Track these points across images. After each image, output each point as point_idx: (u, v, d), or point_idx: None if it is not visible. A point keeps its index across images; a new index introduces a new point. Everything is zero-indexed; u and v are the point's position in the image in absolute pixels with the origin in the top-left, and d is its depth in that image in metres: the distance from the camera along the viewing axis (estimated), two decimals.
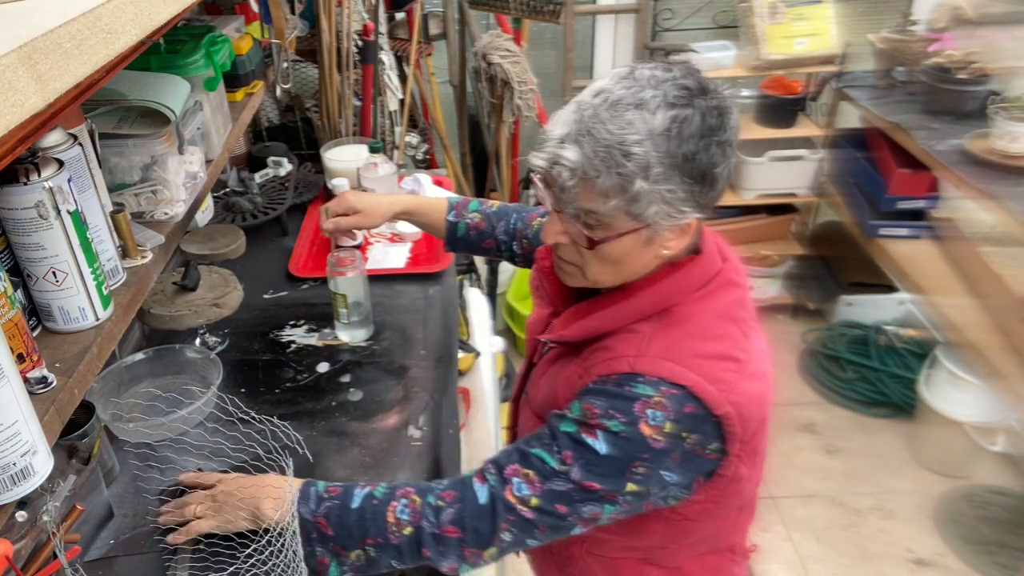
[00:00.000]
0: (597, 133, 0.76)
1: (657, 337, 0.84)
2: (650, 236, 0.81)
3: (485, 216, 1.25)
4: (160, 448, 1.14)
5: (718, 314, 0.87)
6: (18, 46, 0.54)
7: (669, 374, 0.81)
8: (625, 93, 0.77)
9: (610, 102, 0.77)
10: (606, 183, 0.76)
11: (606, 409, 0.81)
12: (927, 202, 2.46)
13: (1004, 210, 1.88)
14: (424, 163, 2.49)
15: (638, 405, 0.80)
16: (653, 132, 0.75)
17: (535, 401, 1.00)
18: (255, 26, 1.66)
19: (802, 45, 2.64)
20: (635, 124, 0.75)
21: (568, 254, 0.88)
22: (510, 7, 2.47)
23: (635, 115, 0.75)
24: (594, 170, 0.76)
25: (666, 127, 0.75)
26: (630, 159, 0.75)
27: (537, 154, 0.82)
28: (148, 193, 1.09)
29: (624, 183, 0.76)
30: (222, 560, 0.95)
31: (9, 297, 0.69)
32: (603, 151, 0.76)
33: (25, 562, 0.81)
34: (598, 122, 0.76)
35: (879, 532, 2.28)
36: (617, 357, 0.84)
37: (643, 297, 0.87)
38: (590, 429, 0.82)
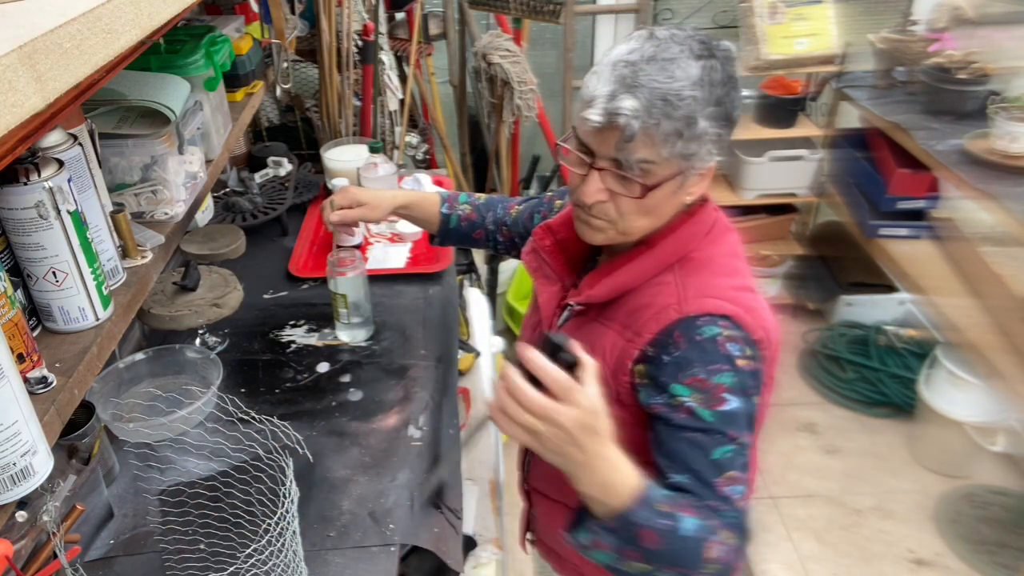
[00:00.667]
0: (649, 84, 0.82)
1: (688, 282, 0.91)
2: (682, 181, 0.88)
3: (475, 207, 1.30)
4: (160, 448, 1.14)
5: (728, 254, 0.95)
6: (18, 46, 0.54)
7: (714, 308, 0.87)
8: (657, 50, 0.83)
9: (646, 58, 0.83)
10: (666, 128, 0.82)
11: (707, 370, 0.85)
12: (927, 202, 2.46)
13: (1004, 210, 1.88)
14: (424, 163, 2.49)
15: (720, 346, 0.85)
16: (692, 80, 0.82)
17: None
18: (255, 26, 1.66)
19: (802, 45, 2.64)
20: (677, 74, 0.82)
21: (604, 211, 0.91)
22: (510, 7, 2.47)
23: (674, 67, 0.82)
24: (653, 118, 0.82)
25: (700, 76, 0.83)
26: (683, 104, 0.82)
27: (587, 113, 0.85)
28: (148, 193, 1.09)
29: (680, 127, 0.82)
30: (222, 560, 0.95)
31: (9, 297, 0.69)
32: (659, 100, 0.81)
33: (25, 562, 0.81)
34: (645, 75, 0.82)
35: (879, 532, 2.28)
36: (662, 309, 0.89)
37: (664, 246, 0.93)
38: (717, 399, 0.84)
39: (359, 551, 1.07)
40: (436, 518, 1.16)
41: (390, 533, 1.10)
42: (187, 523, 1.02)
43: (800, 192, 2.91)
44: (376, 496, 1.15)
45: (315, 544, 1.07)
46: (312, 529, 1.10)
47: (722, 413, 0.84)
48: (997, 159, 2.04)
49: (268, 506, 0.98)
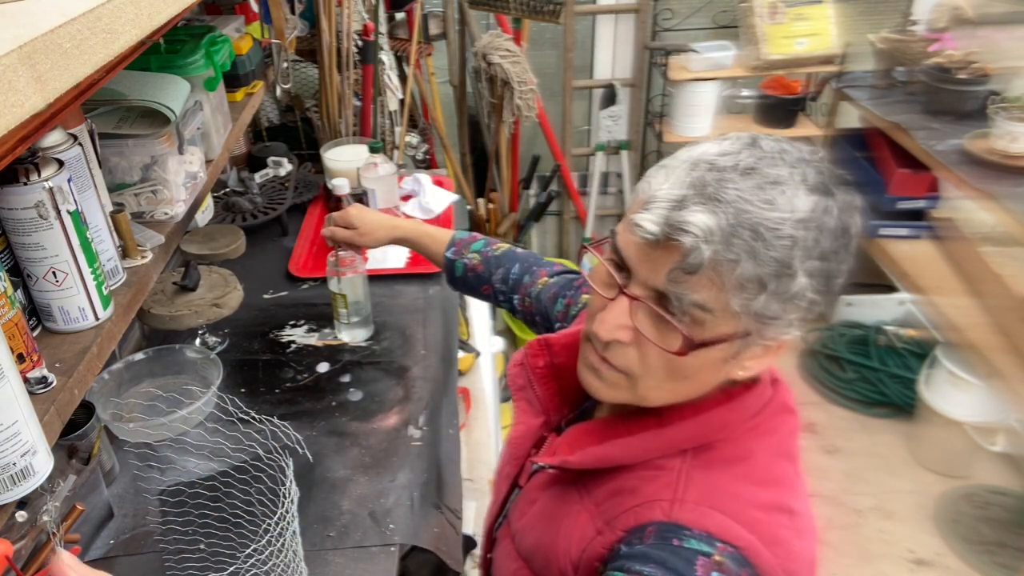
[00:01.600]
0: (737, 202, 0.58)
1: (697, 477, 0.66)
2: (740, 349, 0.64)
3: (484, 259, 1.11)
4: (160, 448, 1.14)
5: (773, 451, 0.71)
6: (18, 46, 0.54)
7: (718, 529, 0.63)
8: (758, 163, 0.60)
9: (743, 168, 0.60)
10: (747, 271, 0.58)
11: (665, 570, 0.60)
12: (927, 202, 2.46)
13: (1004, 210, 1.88)
14: (424, 163, 2.49)
15: (700, 567, 0.60)
16: (798, 217, 0.58)
17: (522, 539, 0.78)
18: (255, 26, 1.66)
19: (802, 45, 2.64)
20: (779, 202, 0.58)
21: (622, 358, 0.67)
22: (510, 7, 2.47)
23: (778, 192, 0.58)
24: (732, 250, 0.58)
25: (808, 215, 0.59)
26: (780, 245, 0.58)
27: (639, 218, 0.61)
28: (148, 193, 1.09)
29: (767, 275, 0.58)
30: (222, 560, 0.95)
31: (9, 297, 0.69)
32: (748, 229, 0.57)
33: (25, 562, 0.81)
34: (734, 188, 0.58)
35: (879, 532, 2.28)
36: (647, 503, 0.66)
37: (684, 428, 0.68)
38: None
39: (359, 551, 1.07)
40: (436, 518, 1.17)
41: (390, 533, 1.10)
42: (187, 523, 1.02)
43: None
44: (376, 496, 1.15)
45: (315, 544, 1.07)
46: (312, 529, 1.10)
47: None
48: (997, 159, 2.04)
49: (268, 506, 0.98)
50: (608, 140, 3.06)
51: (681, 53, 2.75)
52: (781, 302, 0.60)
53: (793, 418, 0.75)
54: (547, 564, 0.72)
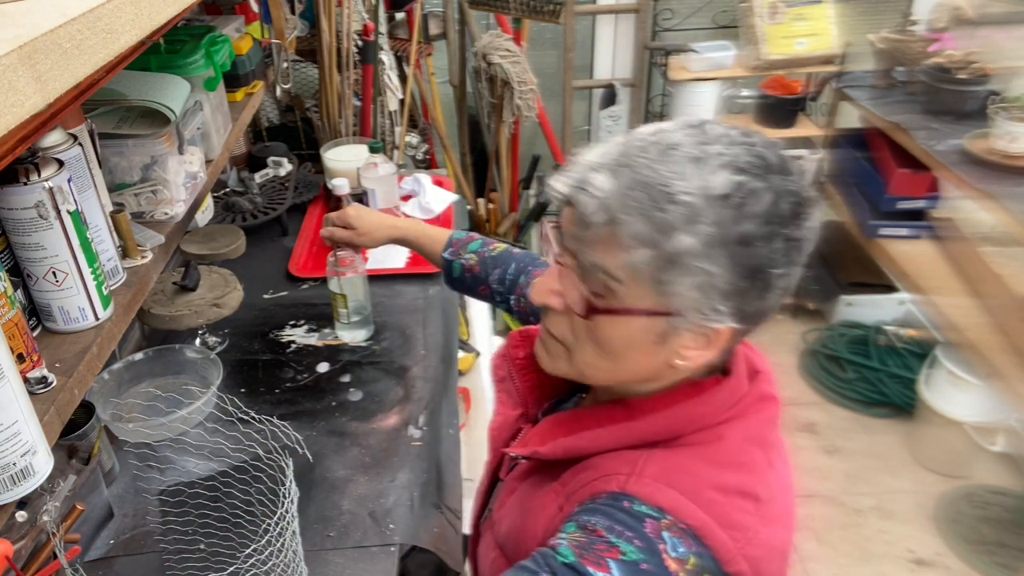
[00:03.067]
0: (639, 168, 0.59)
1: (658, 455, 0.66)
2: (666, 331, 0.63)
3: (481, 260, 1.10)
4: (160, 448, 1.14)
5: (744, 435, 0.69)
6: (18, 46, 0.54)
7: (671, 506, 0.62)
8: (686, 140, 0.61)
9: (665, 143, 0.61)
10: (635, 228, 0.58)
11: (611, 526, 0.61)
12: (927, 202, 2.46)
13: (1004, 210, 1.88)
14: (424, 163, 2.49)
15: (648, 525, 0.61)
16: (708, 192, 0.58)
17: (499, 528, 0.78)
18: (255, 26, 1.66)
19: (802, 45, 2.64)
20: (688, 175, 0.59)
21: (558, 326, 0.69)
22: (510, 7, 2.47)
23: (691, 167, 0.59)
24: (625, 209, 0.59)
25: (726, 192, 0.58)
26: (674, 206, 0.58)
27: (560, 176, 0.64)
28: (148, 193, 1.09)
29: (657, 234, 0.58)
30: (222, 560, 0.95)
31: (9, 297, 0.69)
32: (641, 189, 0.58)
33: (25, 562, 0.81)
34: (644, 157, 0.60)
35: (879, 532, 2.28)
36: (603, 477, 0.66)
37: (652, 422, 0.68)
38: (597, 557, 0.59)
39: (359, 551, 1.07)
40: (436, 518, 1.17)
41: (390, 533, 1.10)
42: (187, 523, 1.02)
43: None
44: (376, 496, 1.15)
45: (315, 544, 1.07)
46: (312, 529, 1.10)
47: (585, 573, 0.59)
48: (997, 159, 2.04)
49: (268, 506, 0.98)
50: None
51: (681, 53, 2.75)
52: (678, 271, 0.59)
53: (772, 406, 0.73)
54: (517, 548, 0.73)
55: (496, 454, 0.84)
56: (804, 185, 0.63)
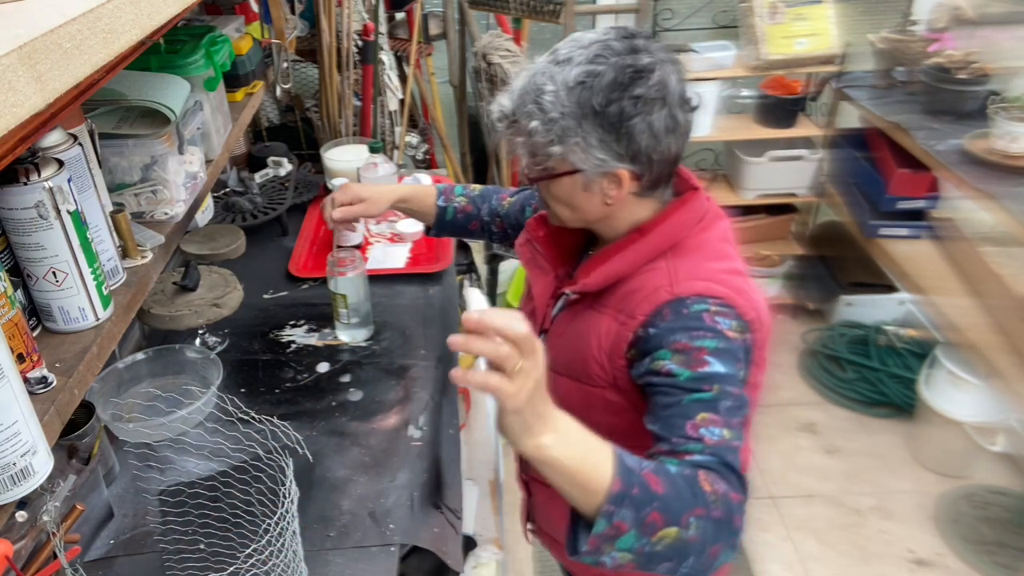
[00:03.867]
0: (526, 85, 0.90)
1: (678, 265, 0.92)
2: (585, 182, 0.91)
3: (470, 199, 1.31)
4: (160, 448, 1.14)
5: (719, 239, 0.96)
6: (18, 46, 0.54)
7: (704, 289, 0.88)
8: (563, 52, 0.89)
9: (548, 60, 0.90)
10: (521, 124, 0.90)
11: (689, 335, 0.85)
12: (927, 202, 2.46)
13: (1004, 210, 1.88)
14: (424, 163, 2.49)
15: (707, 317, 0.86)
16: (567, 84, 0.86)
17: (558, 361, 0.98)
18: (255, 26, 1.66)
19: (802, 45, 2.64)
20: (555, 77, 0.87)
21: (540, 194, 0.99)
22: (510, 7, 2.47)
23: (557, 69, 0.88)
24: (516, 114, 0.91)
25: (579, 80, 0.86)
26: (538, 104, 0.88)
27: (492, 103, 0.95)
28: (148, 193, 1.09)
29: (530, 124, 0.88)
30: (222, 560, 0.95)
31: (9, 297, 0.69)
32: (522, 97, 0.90)
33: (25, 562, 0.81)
34: (531, 76, 0.90)
35: (879, 532, 2.28)
36: (653, 291, 0.90)
37: (656, 234, 0.94)
38: (697, 360, 0.83)
39: (359, 551, 1.07)
40: (436, 518, 1.17)
41: (390, 533, 1.10)
42: (187, 523, 1.02)
43: (800, 192, 2.91)
44: (376, 496, 1.15)
45: (315, 544, 1.07)
46: (312, 529, 1.10)
47: (701, 374, 0.83)
48: (997, 159, 2.04)
49: (268, 506, 0.98)
50: None
51: (681, 53, 2.75)
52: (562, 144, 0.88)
53: (724, 220, 1.00)
54: (585, 366, 0.96)
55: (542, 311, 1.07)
56: (642, 56, 0.87)
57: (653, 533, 0.71)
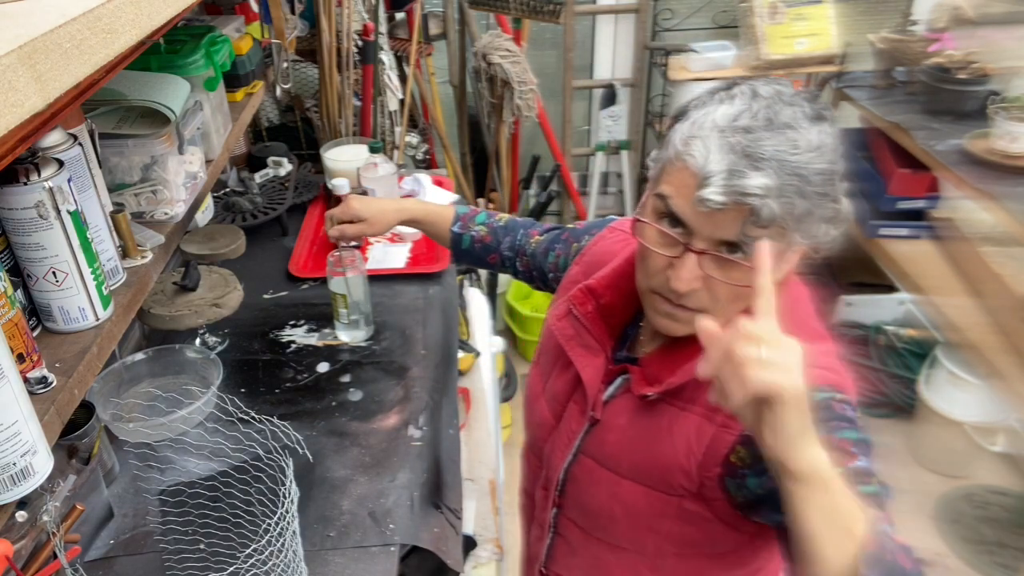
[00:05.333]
0: (776, 156, 0.70)
1: None
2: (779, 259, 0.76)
3: (492, 230, 1.21)
4: (160, 448, 1.14)
5: (807, 315, 0.86)
6: (18, 46, 0.54)
7: (820, 378, 0.75)
8: (770, 113, 0.72)
9: (763, 123, 0.71)
10: (800, 208, 0.71)
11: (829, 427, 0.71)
12: (927, 202, 2.46)
13: (1004, 210, 1.88)
14: (424, 163, 2.49)
15: (836, 407, 0.75)
16: (812, 148, 0.71)
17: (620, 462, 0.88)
18: (255, 26, 1.66)
19: (802, 45, 2.64)
20: (800, 144, 0.71)
21: (698, 300, 0.78)
22: (510, 7, 2.47)
23: (794, 134, 0.71)
24: (785, 196, 0.70)
25: (819, 143, 0.72)
26: (815, 180, 0.71)
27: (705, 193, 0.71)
28: (148, 193, 1.09)
29: (813, 207, 0.72)
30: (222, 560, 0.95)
31: (9, 297, 0.69)
32: (792, 175, 0.70)
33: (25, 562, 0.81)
34: (769, 146, 0.70)
35: None
36: None
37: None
38: (847, 454, 0.71)
39: (359, 551, 1.07)
40: (436, 518, 1.17)
41: (390, 533, 1.10)
42: (187, 523, 1.02)
43: None
44: (376, 496, 1.15)
45: (315, 544, 1.07)
46: (312, 529, 1.10)
47: (856, 468, 0.70)
48: (997, 159, 2.04)
49: (268, 506, 0.98)
50: (608, 140, 3.06)
51: (681, 53, 2.75)
52: (828, 223, 0.75)
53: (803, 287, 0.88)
54: (664, 473, 0.83)
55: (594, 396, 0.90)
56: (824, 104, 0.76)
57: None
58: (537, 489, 1.04)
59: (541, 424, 1.00)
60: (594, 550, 0.97)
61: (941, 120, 2.32)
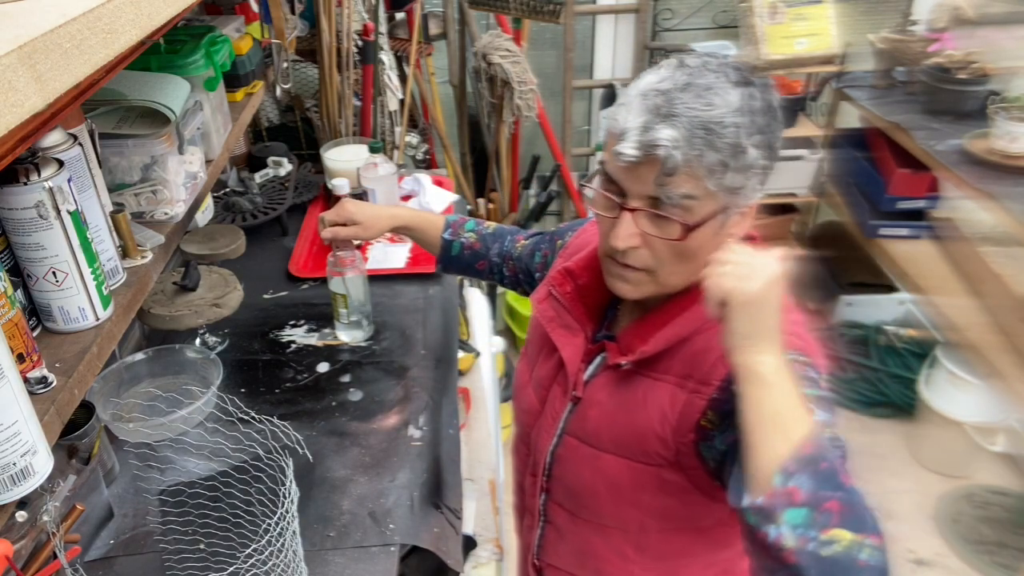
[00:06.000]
0: (687, 113, 0.75)
1: None
2: (724, 220, 0.81)
3: (480, 237, 1.24)
4: (160, 448, 1.14)
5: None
6: (18, 46, 0.54)
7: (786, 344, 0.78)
8: (690, 78, 0.77)
9: (680, 86, 0.76)
10: (709, 159, 0.75)
11: None
12: (927, 202, 2.46)
13: (1004, 210, 1.88)
14: (424, 163, 2.49)
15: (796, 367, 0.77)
16: (732, 108, 0.76)
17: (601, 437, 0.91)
18: (255, 26, 1.66)
19: (802, 45, 2.64)
20: (716, 102, 0.75)
21: (640, 258, 0.83)
22: (510, 7, 2.47)
23: (712, 95, 0.76)
24: (695, 148, 0.75)
25: (740, 103, 0.76)
26: (726, 133, 0.75)
27: (620, 147, 0.77)
28: (148, 193, 1.09)
29: (725, 158, 0.75)
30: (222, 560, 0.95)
31: (9, 297, 0.69)
32: (700, 129, 0.74)
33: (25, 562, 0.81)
34: (681, 104, 0.75)
35: None
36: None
37: None
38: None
39: (359, 551, 1.07)
40: (436, 518, 1.17)
41: (390, 533, 1.10)
42: (187, 523, 1.02)
43: (800, 192, 2.91)
44: (376, 496, 1.15)
45: (315, 544, 1.07)
46: (312, 529, 1.10)
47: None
48: (997, 159, 2.04)
49: (268, 506, 0.98)
50: None
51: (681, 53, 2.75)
52: (742, 173, 0.77)
53: None
54: (641, 442, 0.86)
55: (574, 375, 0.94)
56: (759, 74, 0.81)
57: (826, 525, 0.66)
58: (526, 477, 1.07)
59: (528, 411, 1.03)
60: (581, 533, 1.00)
61: (941, 120, 2.32)
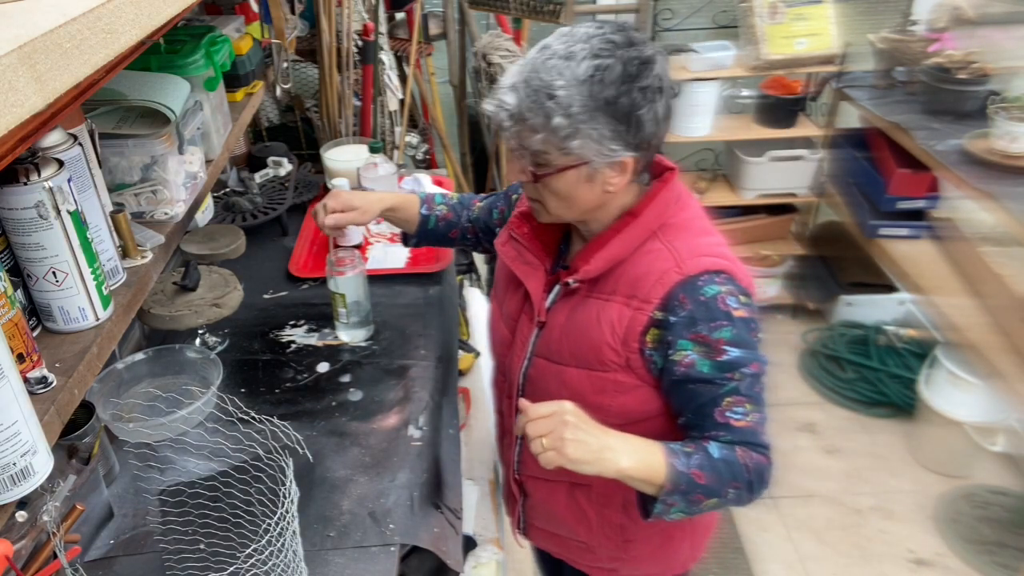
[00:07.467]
0: (531, 81, 0.90)
1: (677, 245, 0.97)
2: (590, 173, 0.94)
3: (451, 207, 1.34)
4: (160, 448, 1.14)
5: (698, 216, 1.03)
6: (18, 46, 0.54)
7: (711, 264, 0.95)
8: (560, 47, 0.90)
9: (545, 55, 0.91)
10: (534, 121, 0.90)
11: (709, 327, 0.93)
12: (927, 202, 2.46)
13: (1004, 210, 1.88)
14: (424, 163, 2.49)
15: (720, 303, 0.93)
16: (577, 79, 0.88)
17: (562, 351, 1.05)
18: (255, 26, 1.66)
19: (802, 45, 2.64)
20: (563, 72, 0.89)
21: (530, 191, 1.01)
22: (510, 7, 2.47)
23: (563, 64, 0.89)
24: (527, 111, 0.90)
25: (589, 74, 0.88)
26: (554, 100, 0.89)
27: (488, 101, 0.96)
28: (148, 193, 1.09)
29: (547, 120, 0.89)
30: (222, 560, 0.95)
31: (9, 297, 0.69)
32: (532, 95, 0.90)
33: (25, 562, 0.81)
34: (533, 72, 0.91)
35: (879, 532, 2.28)
36: (663, 274, 0.96)
37: (648, 214, 0.99)
38: (718, 350, 0.94)
39: (359, 551, 1.07)
40: (436, 518, 1.17)
41: (390, 533, 1.10)
42: (187, 523, 1.02)
43: (800, 192, 2.91)
44: (376, 496, 1.15)
45: (315, 544, 1.07)
46: (312, 529, 1.10)
47: (723, 362, 0.94)
48: (997, 159, 2.04)
49: (268, 506, 0.98)
50: None
51: (681, 53, 2.75)
52: (583, 137, 0.90)
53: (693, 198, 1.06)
54: (597, 353, 1.00)
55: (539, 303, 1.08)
56: (644, 48, 0.91)
57: (699, 505, 0.93)
58: (503, 401, 1.20)
59: (502, 342, 1.17)
60: None
61: (941, 120, 2.32)
